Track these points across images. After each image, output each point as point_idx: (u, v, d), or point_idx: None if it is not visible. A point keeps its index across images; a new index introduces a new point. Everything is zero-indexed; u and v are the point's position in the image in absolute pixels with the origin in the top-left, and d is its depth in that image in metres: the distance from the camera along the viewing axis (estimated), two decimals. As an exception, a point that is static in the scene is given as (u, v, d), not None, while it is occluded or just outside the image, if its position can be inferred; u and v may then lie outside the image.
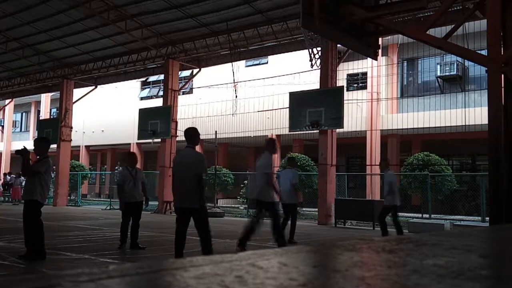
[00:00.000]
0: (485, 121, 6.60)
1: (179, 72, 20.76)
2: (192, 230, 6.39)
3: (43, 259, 6.70)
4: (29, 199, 6.87)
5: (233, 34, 17.62)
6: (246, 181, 20.06)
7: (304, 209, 19.67)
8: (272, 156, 7.94)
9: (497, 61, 6.18)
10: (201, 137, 7.73)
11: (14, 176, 25.55)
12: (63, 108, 23.23)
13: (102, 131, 30.57)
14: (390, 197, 9.76)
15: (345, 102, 15.30)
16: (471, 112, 17.43)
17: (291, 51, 18.10)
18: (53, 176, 11.32)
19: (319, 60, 15.50)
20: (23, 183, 25.26)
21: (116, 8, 17.19)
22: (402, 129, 20.82)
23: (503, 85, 6.26)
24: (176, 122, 19.59)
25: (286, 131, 17.74)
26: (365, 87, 22.35)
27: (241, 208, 19.59)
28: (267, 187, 7.48)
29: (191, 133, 6.68)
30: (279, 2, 15.53)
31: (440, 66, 20.78)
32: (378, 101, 21.63)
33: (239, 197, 22.30)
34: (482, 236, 2.32)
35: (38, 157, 7.17)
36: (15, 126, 38.17)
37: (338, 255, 1.41)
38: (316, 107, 14.90)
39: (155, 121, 19.43)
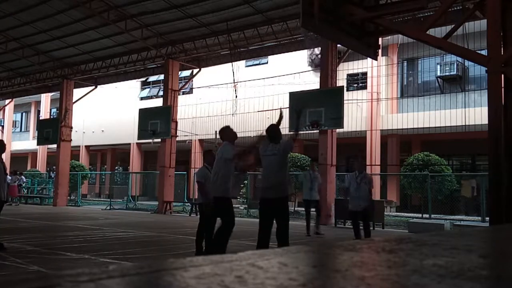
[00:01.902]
0: (485, 121, 6.60)
1: (179, 72, 20.76)
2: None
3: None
4: None
5: (233, 34, 17.62)
6: (246, 181, 20.05)
7: (303, 209, 19.66)
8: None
9: (497, 61, 6.18)
10: (201, 137, 7.76)
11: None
12: (63, 108, 23.23)
13: (102, 131, 30.57)
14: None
15: (345, 102, 15.29)
16: (471, 112, 17.44)
17: (291, 51, 18.10)
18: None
19: (319, 61, 15.51)
20: (18, 182, 25.31)
21: (116, 8, 17.19)
22: (402, 129, 20.82)
23: (503, 85, 6.26)
24: (176, 122, 19.59)
25: (286, 131, 17.71)
26: (365, 87, 22.35)
27: (241, 208, 19.59)
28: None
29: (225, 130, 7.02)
30: (279, 2, 15.53)
31: (440, 66, 20.78)
32: (378, 101, 21.63)
33: (239, 197, 22.30)
34: (482, 236, 2.32)
35: None
36: (15, 126, 38.18)
37: (338, 255, 1.41)
38: (316, 107, 14.90)
39: (155, 121, 19.43)
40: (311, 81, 18.12)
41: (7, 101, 31.00)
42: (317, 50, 15.99)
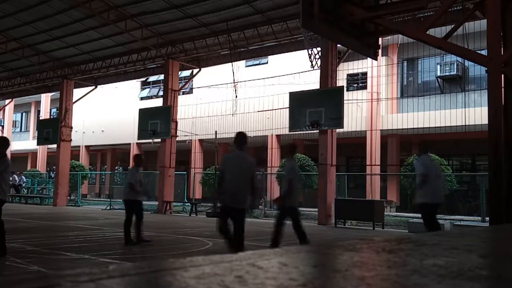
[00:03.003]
0: (485, 121, 6.60)
1: (179, 72, 20.76)
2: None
3: (4, 255, 6.91)
4: None
5: (233, 34, 17.62)
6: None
7: (304, 209, 19.68)
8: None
9: (497, 61, 6.18)
10: (201, 137, 7.88)
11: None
12: (63, 108, 23.24)
13: (102, 131, 30.57)
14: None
15: (345, 102, 15.29)
16: (471, 112, 17.43)
17: (291, 51, 18.10)
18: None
19: (319, 61, 15.51)
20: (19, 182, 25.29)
21: (116, 8, 17.20)
22: (402, 129, 20.82)
23: (503, 85, 6.26)
24: (176, 122, 19.59)
25: (286, 131, 17.74)
26: (365, 87, 22.35)
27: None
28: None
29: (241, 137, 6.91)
30: (279, 2, 15.53)
31: (440, 66, 20.78)
32: (378, 101, 21.63)
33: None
34: (482, 236, 2.32)
35: None
36: (15, 126, 38.18)
37: (338, 255, 1.41)
38: (316, 107, 14.90)
39: (155, 121, 19.44)
40: (311, 81, 18.12)
41: (7, 101, 31.00)
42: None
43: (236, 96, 21.99)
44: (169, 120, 19.15)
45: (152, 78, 28.74)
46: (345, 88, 16.82)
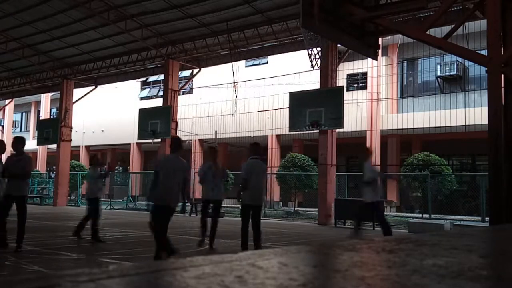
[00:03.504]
0: (485, 121, 6.59)
1: (179, 72, 20.76)
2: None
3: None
4: None
5: (233, 34, 17.62)
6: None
7: (304, 209, 19.70)
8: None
9: (497, 61, 6.18)
10: (201, 137, 8.13)
11: None
12: (63, 108, 23.24)
13: (102, 131, 30.57)
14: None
15: (345, 102, 15.30)
16: (471, 112, 17.43)
17: (291, 51, 18.10)
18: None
19: (319, 61, 15.51)
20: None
21: (116, 8, 17.19)
22: (402, 129, 20.82)
23: (503, 85, 6.26)
24: (176, 122, 19.59)
25: (286, 131, 17.74)
26: (365, 87, 22.35)
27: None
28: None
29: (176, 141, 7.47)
30: (279, 2, 15.53)
31: (440, 66, 20.78)
32: (378, 101, 21.63)
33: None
34: (482, 236, 2.32)
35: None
36: (15, 126, 38.17)
37: (338, 255, 1.41)
38: (316, 107, 14.90)
39: (155, 121, 19.44)
40: (311, 81, 18.12)
41: (7, 101, 31.00)
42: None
43: (236, 96, 21.99)
44: (169, 120, 19.15)
45: (152, 78, 28.74)
46: (345, 88, 16.82)
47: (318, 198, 15.34)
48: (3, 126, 36.71)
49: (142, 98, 30.22)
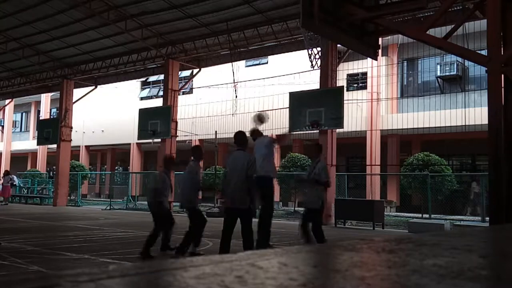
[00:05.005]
0: (485, 121, 6.59)
1: (179, 72, 20.76)
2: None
3: None
4: None
5: (233, 34, 17.62)
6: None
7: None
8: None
9: (497, 61, 6.18)
10: (201, 137, 7.94)
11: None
12: (63, 108, 23.24)
13: (102, 131, 30.57)
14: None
15: (345, 102, 15.29)
16: (471, 112, 17.43)
17: (291, 51, 18.10)
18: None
19: (319, 61, 15.51)
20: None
21: (116, 8, 17.19)
22: (402, 129, 20.82)
23: (503, 85, 6.26)
24: (176, 122, 19.59)
25: (286, 131, 17.73)
26: (365, 87, 22.35)
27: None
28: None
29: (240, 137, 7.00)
30: (279, 2, 15.53)
31: (440, 66, 20.77)
32: (378, 101, 21.63)
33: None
34: (482, 236, 2.32)
35: None
36: (15, 126, 38.16)
37: (338, 255, 1.41)
38: (316, 107, 14.89)
39: (155, 121, 19.43)
40: (311, 81, 18.12)
41: (7, 101, 31.00)
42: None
43: (236, 96, 21.99)
44: (169, 120, 19.14)
45: (152, 78, 28.73)
46: (345, 88, 16.81)
47: (318, 198, 15.31)
48: (3, 126, 36.73)
49: (142, 98, 30.21)
